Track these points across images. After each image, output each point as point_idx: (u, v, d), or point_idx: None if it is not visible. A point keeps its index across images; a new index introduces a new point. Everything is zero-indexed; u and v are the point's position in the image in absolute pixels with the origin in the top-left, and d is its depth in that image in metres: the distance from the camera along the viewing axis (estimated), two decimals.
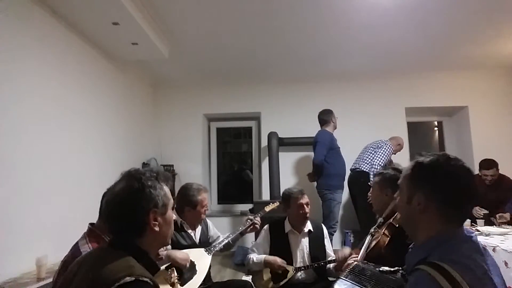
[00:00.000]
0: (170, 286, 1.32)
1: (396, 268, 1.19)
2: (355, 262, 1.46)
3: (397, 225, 1.74)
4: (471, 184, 0.95)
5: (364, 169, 3.88)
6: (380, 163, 3.86)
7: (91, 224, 1.49)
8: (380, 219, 1.75)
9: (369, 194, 1.95)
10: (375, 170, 3.78)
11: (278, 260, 2.23)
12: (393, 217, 1.78)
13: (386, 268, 1.21)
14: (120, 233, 1.00)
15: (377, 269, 1.24)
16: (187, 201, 2.17)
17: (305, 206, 2.31)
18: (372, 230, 1.81)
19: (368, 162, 3.91)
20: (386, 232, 1.73)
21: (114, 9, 2.68)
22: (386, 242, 1.69)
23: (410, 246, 1.29)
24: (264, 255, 2.29)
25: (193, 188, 2.20)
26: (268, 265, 2.25)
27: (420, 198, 0.95)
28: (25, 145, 2.46)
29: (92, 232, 1.46)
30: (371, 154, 3.96)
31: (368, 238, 1.78)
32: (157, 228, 1.01)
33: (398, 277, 1.15)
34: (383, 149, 3.95)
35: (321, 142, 3.86)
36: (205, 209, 2.24)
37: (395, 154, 4.22)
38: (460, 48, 4.12)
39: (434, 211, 0.93)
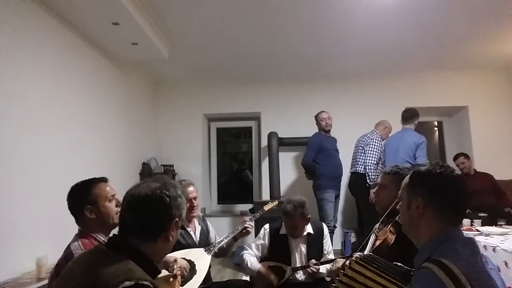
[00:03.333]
0: (173, 277, 1.31)
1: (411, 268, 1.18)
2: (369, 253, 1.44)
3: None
4: (464, 187, 1.02)
5: (360, 171, 3.94)
6: (372, 161, 3.88)
7: (79, 225, 1.47)
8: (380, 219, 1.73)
9: (372, 194, 1.91)
10: (370, 170, 3.83)
11: (271, 277, 2.19)
12: (399, 215, 1.74)
13: (399, 264, 1.20)
14: (136, 230, 0.97)
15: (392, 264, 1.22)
16: None
17: (293, 227, 2.24)
18: (376, 226, 1.77)
19: (361, 163, 3.96)
20: (391, 229, 1.67)
21: (114, 9, 2.68)
22: (393, 240, 1.65)
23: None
24: (259, 266, 2.25)
25: None
26: (260, 276, 2.22)
27: (418, 201, 1.02)
28: (25, 145, 2.46)
29: (83, 232, 1.43)
30: (362, 155, 3.99)
31: (373, 235, 1.75)
32: (170, 238, 1.02)
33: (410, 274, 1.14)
34: (370, 145, 3.95)
35: (309, 145, 4.10)
36: (191, 203, 2.21)
37: (385, 138, 4.17)
38: (460, 48, 4.12)
39: (432, 213, 0.99)
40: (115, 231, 1.32)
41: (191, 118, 5.22)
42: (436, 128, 6.03)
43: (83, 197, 1.45)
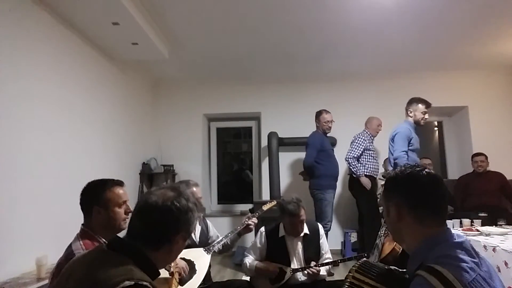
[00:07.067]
0: (170, 275, 1.31)
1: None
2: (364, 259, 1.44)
3: None
4: (437, 185, 0.99)
5: (350, 172, 4.08)
6: (353, 154, 4.00)
7: (83, 224, 1.47)
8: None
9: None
10: (349, 162, 3.97)
11: (269, 268, 2.21)
12: None
13: (395, 268, 1.19)
14: (141, 236, 0.98)
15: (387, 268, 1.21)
16: None
17: (299, 224, 2.26)
18: (381, 233, 1.78)
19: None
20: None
21: (114, 9, 2.68)
22: (400, 252, 1.66)
23: None
24: (256, 262, 2.27)
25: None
26: (259, 272, 2.23)
27: (393, 207, 1.00)
28: (25, 145, 2.46)
29: (85, 232, 1.43)
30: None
31: (380, 241, 1.75)
32: (174, 251, 1.03)
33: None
34: (354, 143, 4.09)
35: (311, 145, 4.02)
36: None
37: (375, 133, 4.22)
38: (460, 48, 4.12)
39: (408, 217, 0.97)
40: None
41: (191, 118, 5.22)
42: (436, 128, 6.02)
43: (95, 197, 1.45)
